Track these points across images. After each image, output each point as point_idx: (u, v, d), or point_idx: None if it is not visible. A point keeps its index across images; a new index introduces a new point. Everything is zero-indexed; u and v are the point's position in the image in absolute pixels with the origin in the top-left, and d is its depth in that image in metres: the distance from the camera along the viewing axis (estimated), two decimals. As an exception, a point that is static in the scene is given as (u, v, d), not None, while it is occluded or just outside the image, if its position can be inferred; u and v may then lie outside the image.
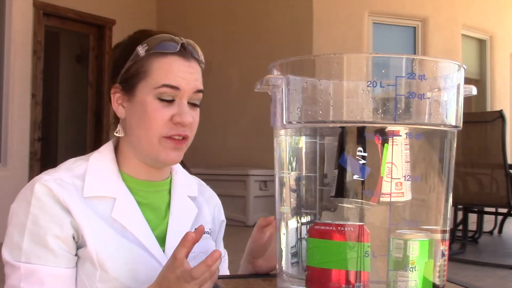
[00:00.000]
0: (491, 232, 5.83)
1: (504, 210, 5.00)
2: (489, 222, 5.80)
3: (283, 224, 0.95)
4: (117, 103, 1.16)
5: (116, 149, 1.20)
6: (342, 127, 0.87)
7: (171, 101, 1.12)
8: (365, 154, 0.84)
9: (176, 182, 1.24)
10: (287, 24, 5.83)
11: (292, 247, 0.95)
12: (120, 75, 1.15)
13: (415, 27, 6.36)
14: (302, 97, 0.91)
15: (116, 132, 1.18)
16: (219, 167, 6.08)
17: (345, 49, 5.58)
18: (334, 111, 0.90)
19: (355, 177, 0.84)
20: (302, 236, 0.91)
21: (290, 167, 0.95)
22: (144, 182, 1.18)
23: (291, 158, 0.96)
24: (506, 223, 5.88)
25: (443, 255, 0.88)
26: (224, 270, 1.34)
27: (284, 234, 0.95)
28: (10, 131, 5.19)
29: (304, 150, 0.93)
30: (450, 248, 1.14)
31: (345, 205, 0.86)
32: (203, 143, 6.32)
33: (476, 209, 5.21)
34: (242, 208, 5.80)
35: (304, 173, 0.93)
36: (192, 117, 1.14)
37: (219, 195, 1.38)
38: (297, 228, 0.93)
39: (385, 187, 0.84)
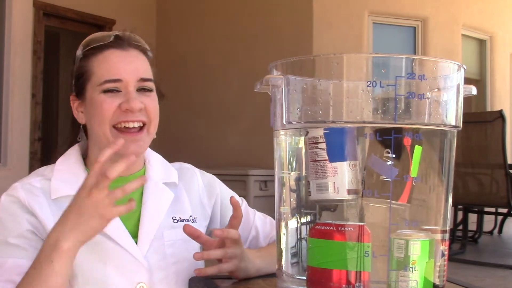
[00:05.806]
0: (491, 232, 5.83)
1: (504, 210, 5.00)
2: (489, 222, 5.80)
3: (283, 224, 0.95)
4: (77, 110, 1.20)
5: (85, 154, 1.22)
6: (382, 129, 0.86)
7: (117, 92, 1.13)
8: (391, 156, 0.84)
9: (149, 171, 1.23)
10: (287, 24, 5.82)
11: (292, 247, 0.95)
12: (73, 84, 1.20)
13: (415, 27, 6.36)
14: (302, 97, 0.91)
15: (79, 139, 1.21)
16: (219, 167, 6.07)
17: (345, 49, 5.57)
18: (334, 111, 0.90)
19: (383, 177, 0.84)
20: (302, 236, 0.91)
21: (290, 167, 0.95)
22: None
23: (291, 158, 0.96)
24: (506, 223, 5.88)
25: (443, 255, 0.88)
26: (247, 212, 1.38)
27: (284, 234, 0.95)
28: (10, 131, 5.19)
29: (304, 150, 0.93)
30: (450, 248, 1.14)
31: (375, 205, 0.86)
32: (203, 143, 6.33)
33: (476, 209, 5.21)
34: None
35: (304, 173, 0.93)
36: (143, 102, 1.14)
37: None
38: (297, 228, 0.93)
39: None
